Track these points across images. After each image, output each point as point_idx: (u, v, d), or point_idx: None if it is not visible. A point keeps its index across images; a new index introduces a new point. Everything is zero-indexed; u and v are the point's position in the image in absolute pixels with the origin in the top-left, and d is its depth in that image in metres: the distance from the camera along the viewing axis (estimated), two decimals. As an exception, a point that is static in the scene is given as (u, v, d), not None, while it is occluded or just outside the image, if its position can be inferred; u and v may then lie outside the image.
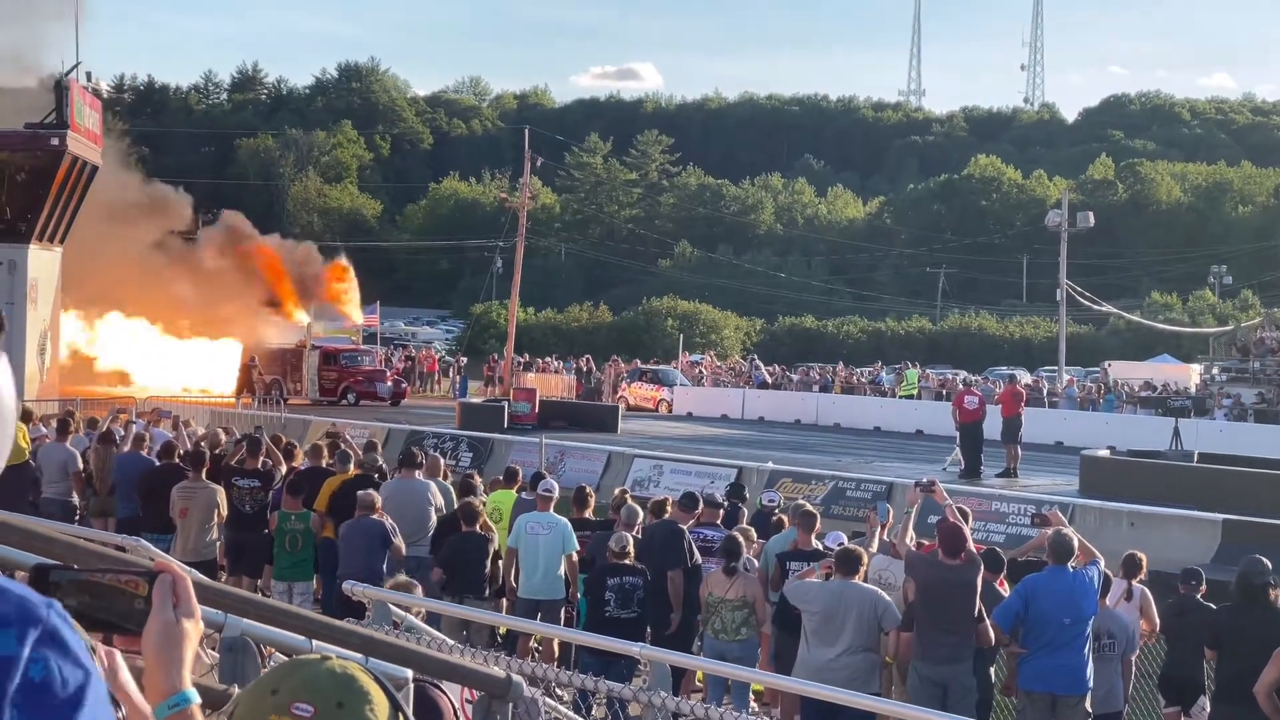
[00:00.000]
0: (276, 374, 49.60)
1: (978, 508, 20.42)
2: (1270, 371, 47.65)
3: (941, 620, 10.67)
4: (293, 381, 49.47)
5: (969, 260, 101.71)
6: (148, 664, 2.11)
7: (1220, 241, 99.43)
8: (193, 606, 2.15)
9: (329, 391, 49.07)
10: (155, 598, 2.10)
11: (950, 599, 10.66)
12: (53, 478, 17.96)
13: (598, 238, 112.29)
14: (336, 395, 48.89)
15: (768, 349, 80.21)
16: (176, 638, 2.11)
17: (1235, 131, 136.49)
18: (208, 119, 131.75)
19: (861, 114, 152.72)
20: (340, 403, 47.91)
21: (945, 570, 10.78)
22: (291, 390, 49.03)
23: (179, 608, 2.12)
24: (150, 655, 2.10)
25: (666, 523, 13.67)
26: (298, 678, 2.10)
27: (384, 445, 28.40)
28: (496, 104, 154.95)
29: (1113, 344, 79.82)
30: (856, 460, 33.27)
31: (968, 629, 10.67)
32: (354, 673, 2.12)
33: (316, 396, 48.78)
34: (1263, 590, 11.08)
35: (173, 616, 2.11)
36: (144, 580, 2.11)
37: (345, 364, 50.26)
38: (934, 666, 10.65)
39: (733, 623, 12.19)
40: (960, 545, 10.93)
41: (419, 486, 15.17)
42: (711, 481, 24.42)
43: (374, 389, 49.15)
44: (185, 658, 2.11)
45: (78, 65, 37.19)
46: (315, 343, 51.38)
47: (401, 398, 50.28)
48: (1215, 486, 25.26)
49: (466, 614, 11.38)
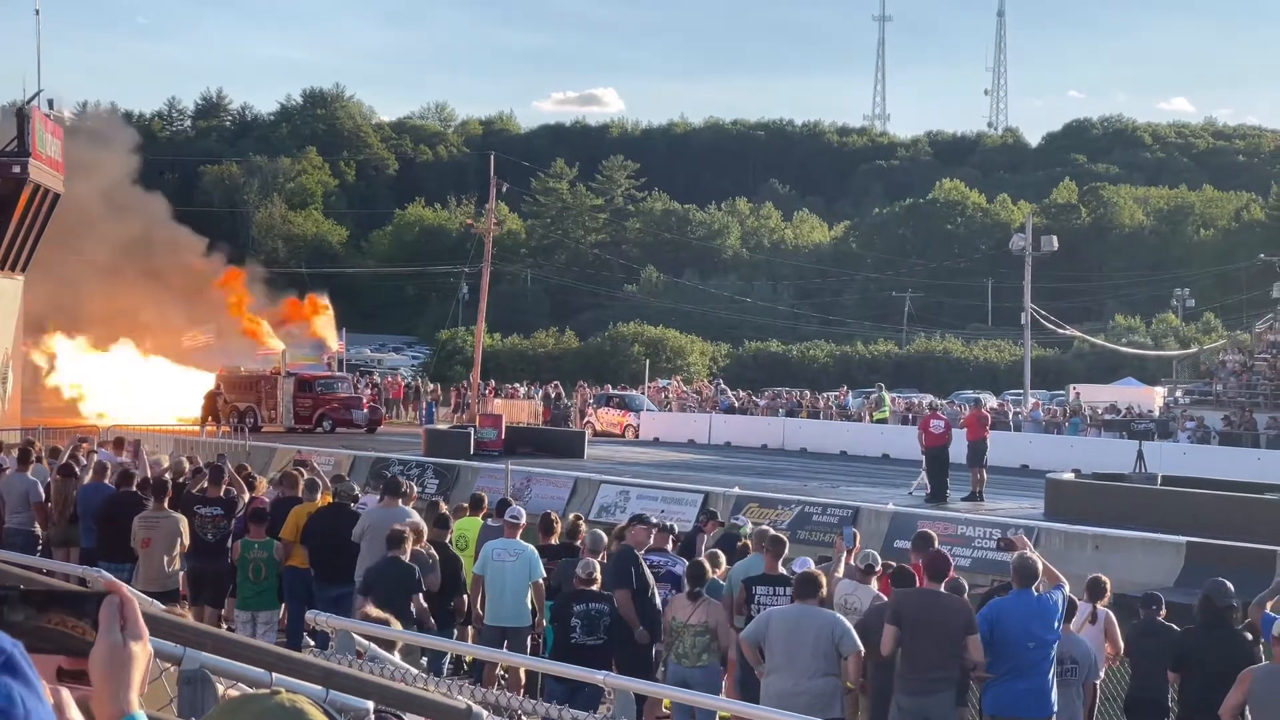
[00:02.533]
0: (250, 401, 48.78)
1: (943, 532, 20.45)
2: (1232, 394, 48.00)
3: (926, 651, 10.63)
4: (267, 409, 48.67)
5: (934, 284, 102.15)
6: (95, 687, 2.08)
7: (1182, 265, 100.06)
8: (140, 629, 2.12)
9: (304, 419, 48.18)
10: (102, 619, 2.08)
11: (936, 630, 10.64)
12: (15, 507, 17.82)
13: (564, 263, 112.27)
14: (312, 423, 48.03)
15: (734, 374, 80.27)
16: (124, 660, 2.08)
17: (1196, 155, 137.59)
18: (171, 146, 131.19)
19: (827, 138, 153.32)
20: (316, 430, 47.17)
21: (934, 600, 10.78)
22: (266, 418, 48.34)
23: (126, 630, 2.09)
24: (97, 678, 2.07)
25: (621, 546, 13.61)
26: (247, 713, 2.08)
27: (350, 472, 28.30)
28: (462, 130, 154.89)
29: (1077, 367, 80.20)
30: (823, 485, 33.27)
31: (952, 660, 10.65)
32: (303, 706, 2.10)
33: (291, 424, 48.00)
34: (1226, 613, 11.15)
35: (120, 639, 2.08)
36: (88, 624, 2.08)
37: (320, 391, 49.42)
38: (916, 699, 10.62)
39: (694, 648, 12.06)
40: (945, 570, 10.98)
41: (401, 514, 15.04)
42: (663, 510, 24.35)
43: (350, 416, 48.41)
44: (133, 680, 2.09)
45: (39, 92, 37.06)
46: (290, 370, 50.62)
47: (378, 424, 49.62)
48: (1179, 509, 25.37)
49: (430, 643, 11.31)
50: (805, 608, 10.83)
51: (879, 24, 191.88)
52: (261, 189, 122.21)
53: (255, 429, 46.30)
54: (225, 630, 14.06)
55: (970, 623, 10.70)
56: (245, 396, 49.07)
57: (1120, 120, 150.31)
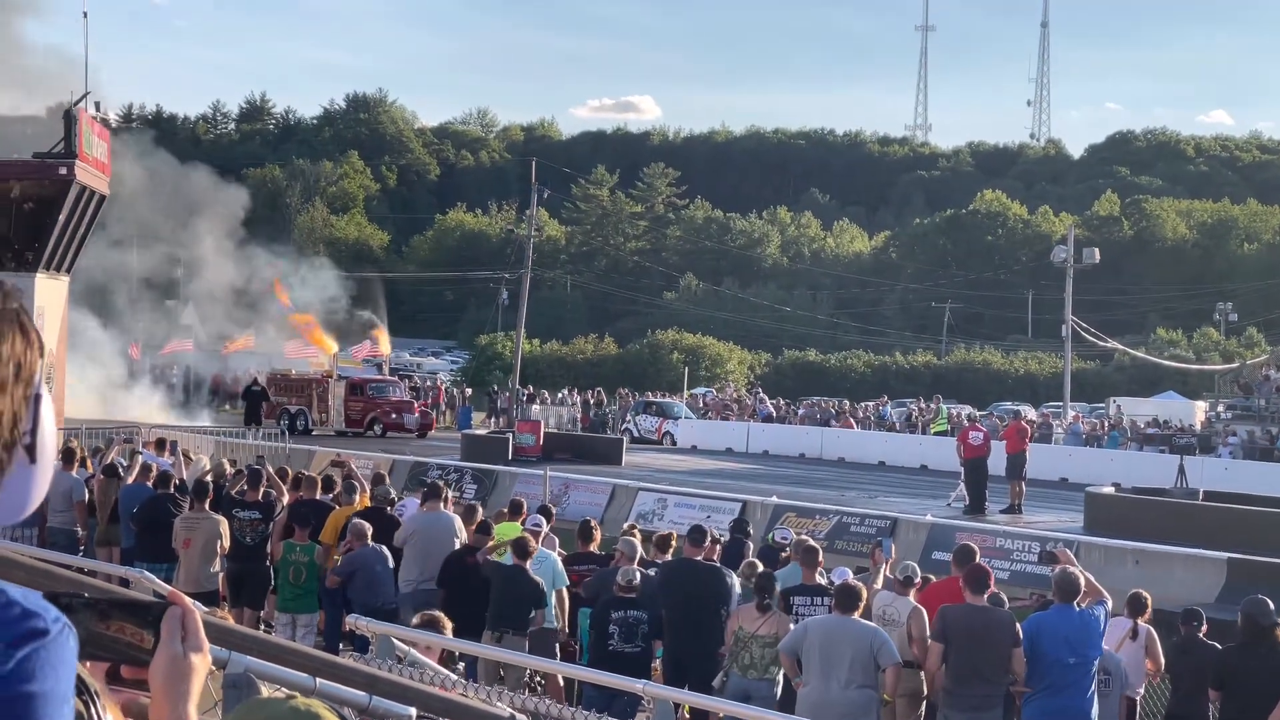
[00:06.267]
0: (301, 403, 48.65)
1: (982, 544, 20.35)
2: (1275, 409, 47.62)
3: (975, 667, 10.57)
4: (319, 412, 48.47)
5: (974, 295, 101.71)
6: (154, 697, 2.10)
7: (1226, 279, 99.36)
8: (201, 640, 2.14)
9: (355, 423, 47.73)
10: (164, 631, 2.10)
11: (986, 645, 10.58)
12: (57, 507, 17.96)
13: (604, 270, 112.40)
14: (363, 426, 47.58)
15: (772, 383, 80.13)
16: (184, 671, 2.10)
17: (1241, 169, 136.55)
18: (216, 149, 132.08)
19: (868, 148, 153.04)
20: (366, 434, 46.85)
21: (981, 615, 10.74)
22: (317, 420, 48.22)
23: (187, 641, 2.11)
24: (157, 688, 2.10)
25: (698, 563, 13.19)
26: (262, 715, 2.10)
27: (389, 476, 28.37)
28: (503, 135, 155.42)
29: (1118, 380, 79.72)
30: (861, 495, 33.20)
31: (1001, 676, 10.59)
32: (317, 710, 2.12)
33: (342, 427, 47.66)
34: (1269, 630, 11.05)
35: (180, 650, 2.10)
36: (149, 633, 2.10)
37: (372, 395, 48.80)
38: (965, 714, 10.58)
39: (763, 659, 11.81)
40: (985, 583, 10.94)
41: (445, 519, 15.10)
42: (708, 516, 24.38)
43: (401, 420, 47.82)
44: (192, 691, 2.11)
45: (86, 95, 37.25)
46: (341, 372, 50.09)
47: (429, 429, 49.08)
48: (1220, 525, 25.17)
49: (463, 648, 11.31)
50: (843, 619, 10.79)
51: (922, 34, 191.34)
52: (304, 193, 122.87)
53: (306, 431, 46.33)
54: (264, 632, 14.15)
55: (1016, 636, 10.64)
56: (296, 398, 49.01)
57: (1164, 133, 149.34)
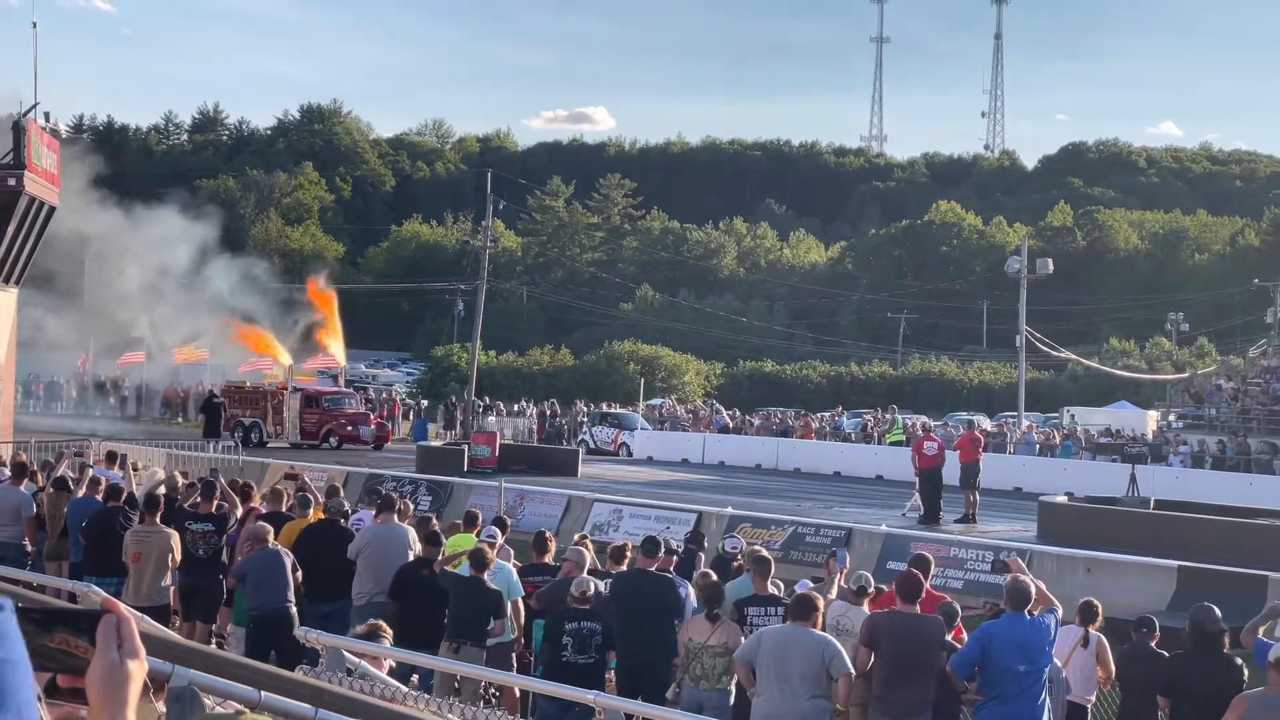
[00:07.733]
0: (256, 416, 48.44)
1: (937, 553, 20.44)
2: (1226, 419, 48.03)
3: (902, 672, 10.63)
4: (274, 424, 48.25)
5: (930, 306, 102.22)
6: (92, 706, 2.10)
7: (1177, 289, 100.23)
8: (136, 647, 2.14)
9: (310, 435, 47.62)
10: (99, 638, 2.10)
11: (913, 651, 10.64)
12: (6, 521, 17.79)
13: (560, 281, 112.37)
14: (318, 439, 47.47)
15: (728, 393, 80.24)
16: (120, 678, 2.10)
17: (1191, 180, 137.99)
18: (168, 159, 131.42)
19: (824, 159, 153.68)
20: (322, 446, 46.70)
21: (911, 622, 10.79)
22: (272, 433, 47.96)
23: (123, 648, 2.11)
24: (95, 697, 2.10)
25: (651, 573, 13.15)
26: None
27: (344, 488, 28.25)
28: (459, 147, 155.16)
29: (1071, 390, 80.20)
30: (816, 505, 33.29)
31: (928, 681, 10.64)
32: None
33: (297, 439, 47.50)
34: (1217, 638, 11.13)
35: (116, 657, 2.10)
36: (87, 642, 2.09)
37: (328, 407, 48.66)
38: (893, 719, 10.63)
39: (714, 670, 11.75)
40: (918, 591, 10.99)
41: (399, 531, 15.05)
42: (668, 527, 24.42)
43: (357, 433, 47.80)
44: (130, 698, 2.11)
45: (35, 105, 36.97)
46: (296, 385, 49.95)
47: (385, 441, 49.06)
48: (1171, 533, 25.43)
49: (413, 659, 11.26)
50: (796, 629, 10.78)
51: (877, 45, 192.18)
52: (258, 204, 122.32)
53: (261, 444, 46.09)
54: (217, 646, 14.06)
55: (946, 642, 10.70)
56: (251, 411, 48.78)
57: (1115, 144, 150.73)
